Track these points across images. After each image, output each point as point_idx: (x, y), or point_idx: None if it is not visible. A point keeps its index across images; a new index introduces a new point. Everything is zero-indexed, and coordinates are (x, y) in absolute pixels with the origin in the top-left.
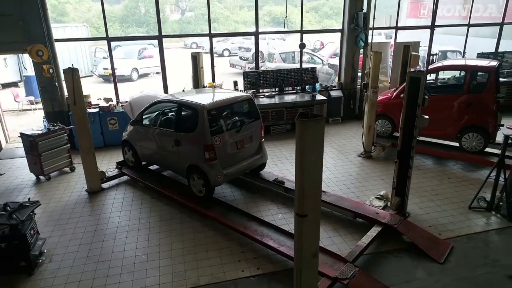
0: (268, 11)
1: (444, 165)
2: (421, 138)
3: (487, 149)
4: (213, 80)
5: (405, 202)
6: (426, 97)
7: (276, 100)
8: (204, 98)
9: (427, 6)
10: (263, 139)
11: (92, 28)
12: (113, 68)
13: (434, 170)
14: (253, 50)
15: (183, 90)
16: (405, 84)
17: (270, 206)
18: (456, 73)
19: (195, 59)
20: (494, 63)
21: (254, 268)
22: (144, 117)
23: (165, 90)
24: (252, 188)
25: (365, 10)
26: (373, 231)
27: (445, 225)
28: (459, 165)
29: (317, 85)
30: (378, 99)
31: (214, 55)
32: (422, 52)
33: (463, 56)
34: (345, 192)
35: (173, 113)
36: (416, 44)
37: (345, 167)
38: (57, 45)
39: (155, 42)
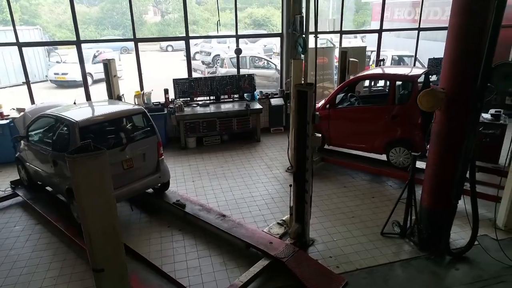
0: (249, 13)
1: (374, 182)
2: (357, 152)
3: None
4: (141, 88)
5: (305, 229)
6: (317, 113)
7: (208, 109)
8: (82, 113)
9: (389, 9)
10: (162, 157)
11: (66, 30)
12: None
13: (361, 187)
14: (213, 54)
15: (74, 102)
16: (332, 93)
17: (164, 232)
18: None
19: (107, 66)
20: (419, 71)
21: None
22: (30, 132)
23: (87, 98)
24: (154, 209)
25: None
26: (258, 266)
27: (348, 256)
28: (391, 182)
29: (256, 93)
30: None
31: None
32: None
33: (415, 61)
34: (254, 214)
35: (51, 130)
36: (362, 49)
37: (267, 184)
38: None
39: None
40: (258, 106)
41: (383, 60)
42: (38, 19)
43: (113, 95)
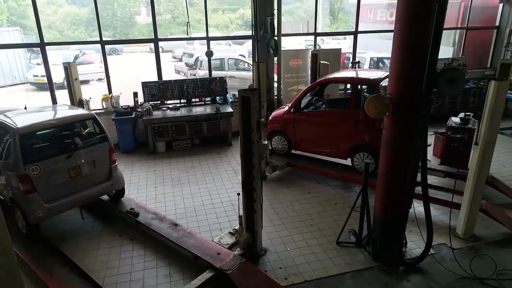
0: (241, 14)
1: (339, 188)
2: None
3: None
4: (110, 91)
5: (255, 239)
6: (262, 119)
7: (178, 113)
8: (27, 119)
9: (373, 10)
10: (115, 164)
11: (56, 31)
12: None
13: (325, 194)
14: (195, 56)
15: (25, 108)
16: (297, 97)
17: (115, 242)
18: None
19: (67, 70)
20: (383, 74)
21: None
22: None
23: (53, 101)
24: (108, 217)
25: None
26: (200, 279)
27: (299, 266)
28: (356, 188)
29: (229, 96)
30: (274, 114)
31: (175, 60)
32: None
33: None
34: (211, 222)
35: None
36: (337, 51)
37: (230, 191)
38: None
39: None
40: (229, 109)
41: (358, 62)
42: (27, 20)
43: (75, 99)
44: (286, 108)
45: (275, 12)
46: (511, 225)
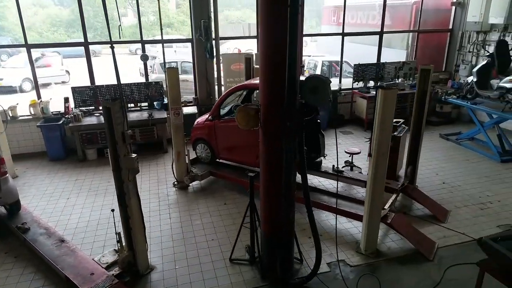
0: (225, 16)
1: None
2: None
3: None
4: (38, 97)
5: (136, 258)
6: (129, 131)
7: None
8: None
9: (336, 12)
10: (5, 176)
11: (35, 33)
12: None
13: (242, 205)
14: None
15: None
16: (216, 104)
17: None
18: None
19: None
20: None
21: None
22: None
23: None
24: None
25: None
26: None
27: (180, 287)
28: None
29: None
30: (197, 120)
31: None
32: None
33: (341, 67)
34: (109, 237)
35: None
36: None
37: (143, 202)
38: None
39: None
40: (164, 115)
41: (303, 66)
42: (4, 21)
43: None
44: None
45: (212, 15)
46: (415, 240)
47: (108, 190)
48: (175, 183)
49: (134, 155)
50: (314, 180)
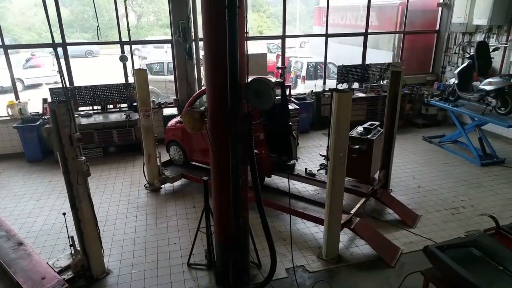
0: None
1: None
2: None
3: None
4: (17, 98)
5: (90, 262)
6: (77, 134)
7: (91, 120)
8: None
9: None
10: None
11: (34, 33)
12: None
13: None
14: (149, 59)
15: None
16: (185, 107)
17: None
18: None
19: None
20: None
21: None
22: None
23: None
24: None
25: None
26: None
27: None
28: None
29: None
30: (170, 122)
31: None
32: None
33: (325, 69)
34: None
35: None
36: (262, 56)
37: (112, 204)
38: None
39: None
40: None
41: (284, 68)
42: (3, 21)
43: None
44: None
45: (191, 16)
46: (378, 246)
47: None
48: (147, 185)
49: (82, 158)
50: (288, 183)
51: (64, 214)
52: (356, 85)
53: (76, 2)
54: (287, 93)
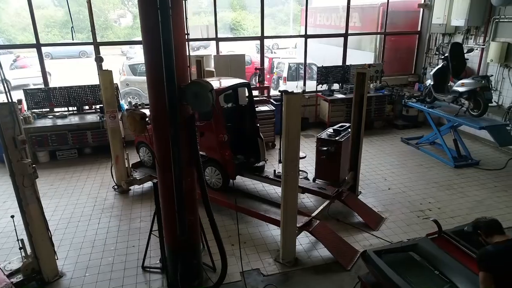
0: (220, 17)
1: None
2: None
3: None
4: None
5: (40, 264)
6: (21, 136)
7: (66, 121)
8: None
9: (313, 14)
10: None
11: (29, 34)
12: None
13: None
14: (136, 59)
15: None
16: None
17: None
18: None
19: None
20: (228, 83)
21: None
22: None
23: None
24: None
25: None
26: None
27: None
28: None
29: (124, 103)
30: None
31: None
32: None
33: (305, 70)
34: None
35: None
36: (240, 58)
37: (78, 206)
38: None
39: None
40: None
41: (262, 69)
42: None
43: None
44: None
45: None
46: (335, 249)
47: (48, 194)
48: (115, 187)
49: (27, 161)
50: (258, 185)
51: (12, 216)
52: (336, 86)
53: (72, 2)
54: (266, 95)
